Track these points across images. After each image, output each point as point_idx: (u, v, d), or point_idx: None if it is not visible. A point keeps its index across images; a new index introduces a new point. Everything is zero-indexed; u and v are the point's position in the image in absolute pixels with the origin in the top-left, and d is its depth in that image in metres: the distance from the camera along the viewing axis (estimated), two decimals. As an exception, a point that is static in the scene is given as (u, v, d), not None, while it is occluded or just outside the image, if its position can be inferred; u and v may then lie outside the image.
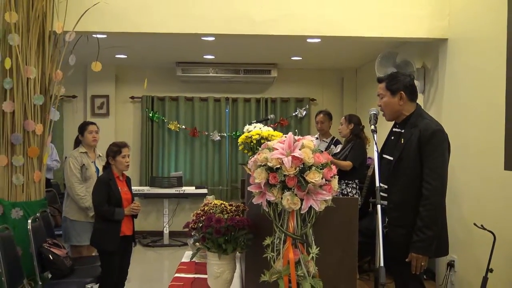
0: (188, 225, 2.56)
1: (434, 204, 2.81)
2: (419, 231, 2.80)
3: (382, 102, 3.07)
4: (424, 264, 2.82)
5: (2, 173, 4.63)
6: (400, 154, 2.95)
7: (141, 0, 4.86)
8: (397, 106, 3.02)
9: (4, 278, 3.64)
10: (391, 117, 3.09)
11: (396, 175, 2.95)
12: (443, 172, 2.88)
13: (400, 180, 2.93)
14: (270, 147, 2.13)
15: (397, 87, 3.00)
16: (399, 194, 2.88)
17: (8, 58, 4.51)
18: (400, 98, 3.00)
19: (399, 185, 2.92)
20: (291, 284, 2.08)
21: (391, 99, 3.02)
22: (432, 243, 2.81)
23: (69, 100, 8.09)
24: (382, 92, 3.06)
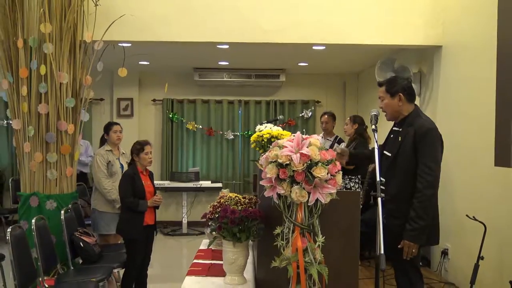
0: (206, 216, 2.57)
1: (426, 196, 2.80)
2: (412, 220, 2.79)
3: (383, 104, 3.07)
4: (415, 251, 2.81)
5: (38, 168, 4.66)
6: (397, 150, 2.94)
7: (162, 13, 4.88)
8: (396, 107, 3.01)
9: (40, 262, 3.69)
10: (391, 117, 3.09)
11: (393, 170, 2.94)
12: (436, 167, 2.86)
13: (396, 175, 2.92)
14: (280, 145, 2.14)
15: (396, 89, 3.00)
16: (395, 187, 2.87)
17: (43, 65, 4.54)
18: (399, 99, 2.99)
19: (395, 179, 2.91)
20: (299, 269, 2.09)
21: (391, 101, 3.01)
22: (423, 232, 2.80)
23: (97, 102, 8.13)
24: (383, 95, 3.06)
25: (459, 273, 4.50)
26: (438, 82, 5.04)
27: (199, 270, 2.84)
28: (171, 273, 5.71)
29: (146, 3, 4.85)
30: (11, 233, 3.39)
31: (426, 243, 2.96)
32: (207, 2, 4.92)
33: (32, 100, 4.61)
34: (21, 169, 4.78)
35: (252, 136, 3.22)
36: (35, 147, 4.65)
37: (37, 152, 4.63)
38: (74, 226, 4.46)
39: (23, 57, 4.57)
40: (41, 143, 4.66)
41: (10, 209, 7.21)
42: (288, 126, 8.12)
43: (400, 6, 4.97)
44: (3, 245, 5.88)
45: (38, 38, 4.56)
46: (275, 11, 4.95)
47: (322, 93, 8.42)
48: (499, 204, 3.86)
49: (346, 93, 8.38)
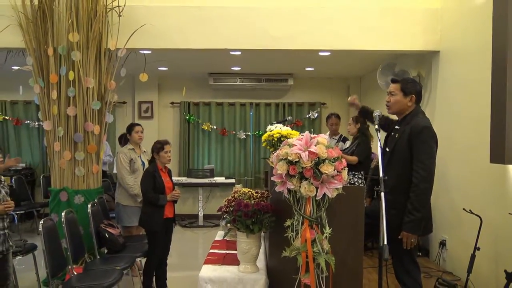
0: (221, 209, 2.58)
1: (421, 190, 2.77)
2: (410, 213, 2.77)
3: (392, 99, 3.01)
4: (413, 241, 2.79)
5: (67, 166, 4.70)
6: (394, 146, 2.92)
7: (179, 22, 4.89)
8: (405, 105, 2.97)
9: (70, 252, 3.72)
10: (395, 112, 3.04)
11: (391, 164, 2.91)
12: (430, 163, 2.83)
13: (394, 169, 2.89)
14: (290, 144, 2.14)
15: (410, 90, 2.96)
16: (393, 180, 2.83)
17: (72, 71, 4.56)
18: (410, 100, 2.96)
19: (393, 172, 2.87)
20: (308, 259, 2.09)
21: (402, 99, 2.97)
22: (421, 223, 2.78)
23: (120, 105, 8.16)
24: (395, 91, 3.00)
25: (456, 262, 4.46)
26: (436, 84, 4.99)
27: (215, 259, 2.85)
28: (189, 262, 5.72)
29: (165, 14, 4.86)
30: (43, 225, 3.42)
31: (422, 233, 2.94)
32: (220, 12, 4.92)
33: (61, 103, 4.64)
34: (52, 167, 4.82)
35: (263, 136, 3.21)
36: (64, 146, 4.69)
37: (66, 151, 4.67)
38: (100, 218, 4.49)
39: (53, 64, 4.60)
40: (69, 143, 4.69)
41: (41, 203, 7.28)
42: (296, 126, 8.10)
43: (400, 15, 4.93)
44: (35, 236, 5.96)
45: (67, 46, 4.59)
46: (284, 20, 4.94)
47: (327, 96, 8.38)
48: (494, 199, 3.82)
49: (350, 95, 8.31)
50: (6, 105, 8.15)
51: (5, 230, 3.47)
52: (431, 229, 3.01)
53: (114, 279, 3.50)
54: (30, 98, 6.75)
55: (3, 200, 3.40)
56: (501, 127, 2.83)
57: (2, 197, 3.42)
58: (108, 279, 3.48)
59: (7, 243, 3.49)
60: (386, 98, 3.07)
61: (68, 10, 4.57)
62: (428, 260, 4.88)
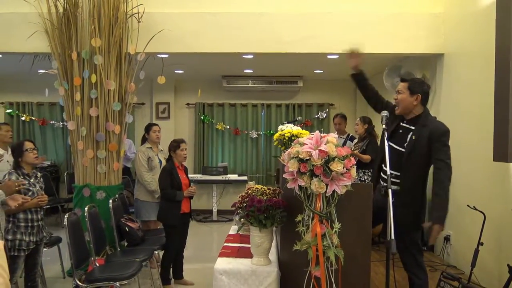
0: (235, 205, 2.58)
1: (447, 187, 2.75)
2: (440, 208, 2.73)
3: (399, 97, 2.98)
4: (441, 231, 2.76)
5: (90, 163, 4.73)
6: (412, 148, 2.86)
7: (195, 27, 4.89)
8: (410, 104, 2.93)
9: (92, 244, 3.76)
10: (402, 111, 2.99)
11: (407, 166, 2.86)
12: (450, 162, 2.81)
13: (411, 170, 2.85)
14: (301, 143, 2.14)
15: (417, 90, 2.92)
16: (409, 181, 2.81)
17: (94, 74, 4.60)
18: (416, 99, 2.91)
19: (409, 173, 2.84)
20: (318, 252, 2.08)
21: (408, 97, 2.92)
22: (446, 216, 2.75)
23: (139, 106, 8.20)
24: (403, 90, 2.96)
25: (460, 257, 4.41)
26: (441, 85, 4.94)
27: (229, 252, 2.85)
28: (203, 254, 5.74)
29: (181, 20, 4.87)
30: (68, 219, 3.46)
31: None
32: (233, 17, 4.92)
33: (84, 104, 4.68)
34: (75, 164, 4.86)
35: (274, 135, 3.21)
36: (87, 145, 4.72)
37: (89, 149, 4.70)
38: (120, 213, 4.52)
39: (77, 67, 4.64)
40: (92, 142, 4.72)
41: (65, 199, 7.36)
42: (305, 126, 8.07)
43: (405, 19, 4.88)
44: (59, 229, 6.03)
45: (90, 51, 4.63)
46: (294, 25, 4.92)
47: (335, 97, 8.33)
48: (497, 196, 3.76)
49: (357, 96, 8.28)
50: (33, 106, 8.25)
51: (39, 221, 3.55)
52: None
53: (134, 270, 3.52)
54: (55, 100, 6.82)
55: (38, 194, 3.47)
56: (504, 127, 2.79)
57: (37, 191, 3.49)
58: (128, 270, 3.51)
59: (41, 234, 3.57)
60: (394, 96, 3.04)
61: (91, 17, 4.61)
62: (433, 255, 4.83)
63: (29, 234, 3.41)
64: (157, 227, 5.03)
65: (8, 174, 3.40)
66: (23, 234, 3.37)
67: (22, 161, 3.48)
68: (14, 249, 3.31)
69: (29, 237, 3.41)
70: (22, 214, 3.37)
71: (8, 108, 8.25)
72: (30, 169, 3.54)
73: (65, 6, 4.62)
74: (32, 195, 3.42)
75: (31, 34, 4.65)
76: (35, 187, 3.49)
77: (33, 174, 3.58)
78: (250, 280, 2.47)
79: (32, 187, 3.47)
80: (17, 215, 3.35)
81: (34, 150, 3.52)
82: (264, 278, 2.47)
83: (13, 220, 3.35)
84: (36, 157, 3.54)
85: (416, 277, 2.88)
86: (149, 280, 4.47)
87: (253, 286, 2.46)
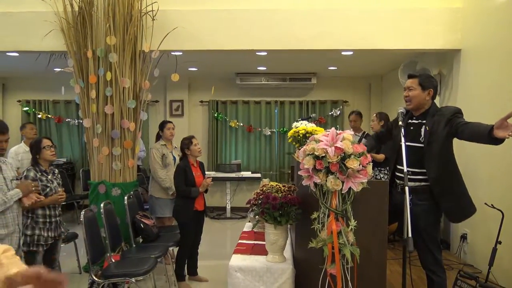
0: (250, 202, 2.58)
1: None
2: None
3: (411, 93, 2.96)
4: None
5: (105, 160, 4.78)
6: (429, 139, 2.83)
7: (208, 25, 4.90)
8: (423, 99, 2.92)
9: (108, 241, 3.80)
10: (415, 107, 2.97)
11: (429, 157, 2.82)
12: None
13: (432, 160, 2.81)
14: (316, 140, 2.12)
15: (428, 85, 2.92)
16: (434, 171, 2.77)
17: (109, 72, 4.63)
18: (428, 94, 2.91)
19: (432, 164, 2.80)
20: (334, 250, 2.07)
21: (420, 93, 2.92)
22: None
23: (153, 104, 8.25)
24: (414, 86, 2.95)
25: (477, 256, 4.35)
26: (458, 82, 4.86)
27: (244, 249, 2.86)
28: (217, 251, 5.77)
29: (195, 17, 4.88)
30: (84, 215, 3.50)
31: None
32: (247, 14, 4.92)
33: (100, 102, 4.73)
34: (91, 161, 4.92)
35: (289, 132, 3.20)
36: (102, 142, 4.77)
37: (104, 146, 4.75)
38: (135, 210, 4.55)
39: (92, 65, 4.69)
40: (107, 139, 4.77)
41: (81, 195, 7.45)
42: (319, 123, 8.03)
43: (421, 14, 4.82)
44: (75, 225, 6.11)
45: (105, 49, 4.67)
46: (308, 22, 4.89)
47: (349, 94, 8.28)
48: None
49: (371, 93, 8.22)
50: (49, 104, 8.37)
51: (57, 217, 3.61)
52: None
53: (149, 267, 3.56)
54: (71, 97, 6.90)
55: (55, 191, 3.52)
56: (524, 124, 2.73)
57: (55, 188, 3.54)
58: (144, 266, 3.54)
59: (59, 229, 3.62)
60: (405, 93, 3.02)
61: (105, 15, 4.64)
62: (449, 253, 4.77)
63: (47, 229, 3.47)
64: (171, 224, 5.06)
65: (26, 171, 3.46)
66: (41, 230, 3.42)
67: (40, 158, 3.54)
68: (33, 244, 3.37)
69: (47, 232, 3.47)
70: (40, 210, 3.43)
71: (25, 106, 8.38)
72: (47, 166, 3.59)
73: (80, 4, 4.67)
74: (50, 192, 3.47)
75: (47, 33, 4.71)
76: (52, 184, 3.54)
77: (51, 170, 3.63)
78: (265, 277, 2.47)
79: (50, 183, 3.52)
80: (35, 211, 3.41)
81: (51, 148, 3.57)
82: (279, 275, 2.47)
83: (31, 216, 3.40)
84: (53, 154, 3.59)
85: (435, 275, 2.85)
86: (164, 276, 4.51)
87: (268, 283, 2.46)
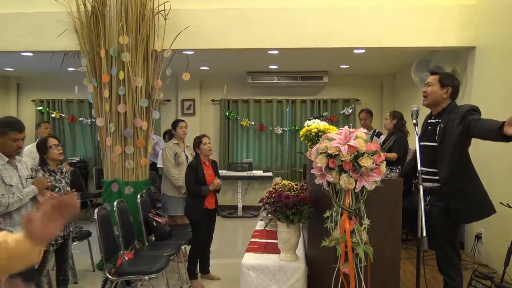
0: (262, 200, 2.58)
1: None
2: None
3: (428, 89, 2.93)
4: None
5: (118, 159, 4.82)
6: (442, 137, 2.80)
7: (220, 24, 4.91)
8: (440, 97, 2.89)
9: (121, 238, 3.83)
10: (430, 103, 2.95)
11: (442, 156, 2.79)
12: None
13: (444, 159, 2.78)
14: (329, 138, 2.11)
15: (447, 83, 2.89)
16: (445, 170, 2.74)
17: (122, 71, 4.67)
18: (446, 92, 2.88)
19: (444, 163, 2.77)
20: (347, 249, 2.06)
21: (438, 90, 2.89)
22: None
23: (165, 103, 8.29)
24: (433, 82, 2.93)
25: (492, 256, 4.29)
26: (472, 80, 4.80)
27: (256, 248, 2.86)
28: (229, 250, 5.78)
29: (207, 16, 4.89)
30: (98, 214, 3.53)
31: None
32: (258, 13, 4.91)
33: (112, 101, 4.77)
34: (104, 160, 4.97)
35: (301, 131, 3.19)
36: (115, 141, 4.81)
37: (117, 145, 4.79)
38: (148, 208, 4.58)
39: (105, 65, 4.73)
40: (120, 138, 4.81)
41: (94, 194, 7.53)
42: (331, 122, 8.00)
43: (435, 11, 4.77)
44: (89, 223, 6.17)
45: (117, 48, 4.70)
46: (320, 20, 4.87)
47: (361, 92, 8.23)
48: (531, 193, 3.64)
49: (384, 92, 8.16)
50: (62, 103, 8.47)
51: None
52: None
53: (162, 265, 3.58)
54: (84, 97, 6.96)
55: (64, 190, 3.54)
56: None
57: (63, 187, 3.57)
58: (157, 264, 3.56)
59: (67, 229, 3.65)
60: (423, 89, 3.00)
61: (118, 14, 4.68)
62: (463, 253, 4.70)
63: None
64: (184, 222, 5.08)
65: (34, 171, 3.46)
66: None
67: (47, 157, 3.54)
68: None
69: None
70: None
71: (39, 106, 8.49)
72: (55, 165, 3.60)
73: (93, 4, 4.71)
74: (59, 191, 3.47)
75: (61, 33, 4.76)
76: (61, 183, 3.56)
77: (59, 170, 3.64)
78: (278, 275, 2.47)
79: (59, 183, 3.53)
80: None
81: (58, 147, 3.56)
82: (292, 274, 2.47)
83: None
84: (60, 153, 3.58)
85: (449, 279, 2.82)
86: (176, 274, 4.53)
87: (280, 281, 2.46)
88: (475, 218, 2.96)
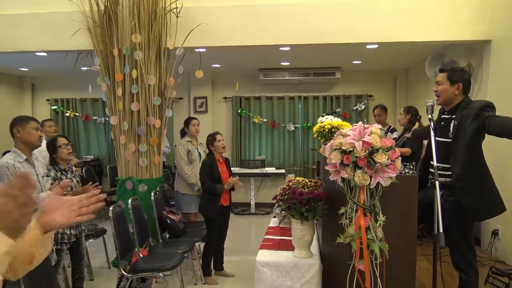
0: (276, 197, 2.58)
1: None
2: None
3: (439, 88, 2.90)
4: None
5: (132, 157, 4.85)
6: (456, 133, 2.77)
7: (232, 21, 4.91)
8: (452, 94, 2.86)
9: (136, 236, 3.86)
10: (443, 102, 2.91)
11: (455, 152, 2.77)
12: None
13: (458, 155, 2.75)
14: (343, 134, 2.10)
15: (457, 79, 2.84)
16: (458, 166, 2.71)
17: (135, 69, 4.70)
18: (457, 88, 2.84)
19: (457, 159, 2.74)
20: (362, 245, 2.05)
21: (449, 87, 2.85)
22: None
23: (177, 101, 8.32)
24: (442, 80, 2.89)
25: (509, 252, 4.23)
26: (487, 74, 4.72)
27: (270, 245, 2.86)
28: (243, 247, 5.79)
29: (219, 14, 4.89)
30: (113, 211, 3.57)
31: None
32: (270, 10, 4.90)
33: (126, 99, 4.80)
34: (118, 158, 5.01)
35: (314, 127, 3.17)
36: (129, 139, 4.85)
37: (131, 143, 4.82)
38: (162, 206, 4.61)
39: (118, 63, 4.76)
40: (134, 136, 4.84)
41: (108, 192, 7.59)
42: (343, 118, 7.94)
43: (448, 4, 4.69)
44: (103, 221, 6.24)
45: (130, 47, 4.73)
46: (331, 15, 4.84)
47: (374, 88, 8.16)
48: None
49: (397, 87, 8.08)
50: (76, 102, 8.56)
51: None
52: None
53: (176, 262, 3.60)
54: (98, 95, 7.02)
55: (75, 189, 3.58)
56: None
57: (74, 186, 3.61)
58: (171, 261, 3.59)
59: (79, 227, 3.69)
60: (434, 88, 2.97)
61: (130, 13, 4.71)
62: (479, 249, 4.65)
63: (69, 227, 3.52)
64: (197, 220, 5.10)
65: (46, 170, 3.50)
66: (64, 228, 3.47)
67: (57, 157, 3.58)
68: (57, 242, 3.45)
69: (70, 230, 3.53)
70: None
71: (53, 105, 8.60)
72: (65, 164, 3.64)
73: (106, 3, 4.74)
74: (71, 190, 3.51)
75: (74, 32, 4.81)
76: (72, 182, 3.60)
77: (69, 169, 3.68)
78: (292, 272, 2.47)
79: (70, 182, 3.57)
80: None
81: (67, 146, 3.59)
82: (306, 270, 2.46)
83: None
84: (69, 153, 3.61)
85: (464, 274, 2.79)
86: (191, 271, 4.56)
87: (295, 278, 2.45)
88: (486, 216, 2.92)
